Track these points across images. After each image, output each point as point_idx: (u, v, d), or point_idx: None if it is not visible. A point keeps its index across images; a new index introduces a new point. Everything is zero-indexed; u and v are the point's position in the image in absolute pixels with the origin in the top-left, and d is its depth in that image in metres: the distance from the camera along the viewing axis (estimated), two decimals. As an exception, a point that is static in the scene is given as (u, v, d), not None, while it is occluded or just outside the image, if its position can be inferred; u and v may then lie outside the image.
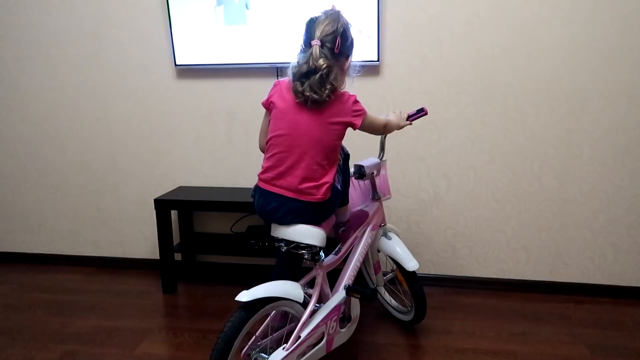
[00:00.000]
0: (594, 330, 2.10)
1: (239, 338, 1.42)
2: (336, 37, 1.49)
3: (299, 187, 1.52)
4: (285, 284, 1.55)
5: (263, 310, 1.48)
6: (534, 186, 2.38)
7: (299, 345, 1.52)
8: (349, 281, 1.74)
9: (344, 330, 1.71)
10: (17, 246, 3.00)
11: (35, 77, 2.72)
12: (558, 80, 2.26)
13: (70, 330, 2.17)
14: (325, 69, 1.47)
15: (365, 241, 1.86)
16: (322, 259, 1.62)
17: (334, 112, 1.53)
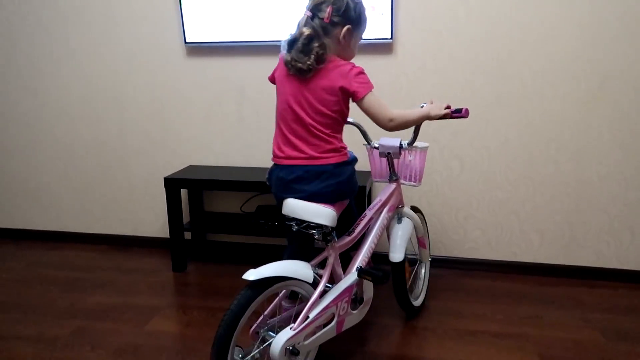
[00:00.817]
0: (607, 315, 2.07)
1: (245, 316, 1.41)
2: (327, 6, 1.47)
3: (302, 155, 1.53)
4: (295, 264, 1.53)
5: (270, 289, 1.46)
6: (549, 168, 2.32)
7: (307, 326, 1.50)
8: (362, 263, 1.70)
9: (355, 312, 1.68)
10: (29, 223, 3.03)
11: (48, 55, 2.71)
12: (577, 59, 2.19)
13: (81, 307, 2.19)
14: (306, 36, 1.46)
15: (381, 223, 1.82)
16: (334, 239, 1.59)
17: (329, 77, 1.49)
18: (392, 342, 1.89)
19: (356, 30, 1.54)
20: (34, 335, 1.96)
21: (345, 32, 1.50)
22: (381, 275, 1.56)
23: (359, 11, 1.52)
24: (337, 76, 1.49)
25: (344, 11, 1.49)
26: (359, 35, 1.58)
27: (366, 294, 1.71)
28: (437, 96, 2.35)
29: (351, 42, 1.55)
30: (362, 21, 1.56)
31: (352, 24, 1.51)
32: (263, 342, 1.52)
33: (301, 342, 1.48)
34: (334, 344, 1.85)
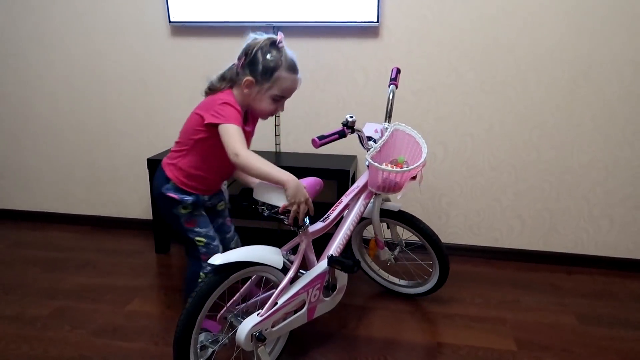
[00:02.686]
0: (584, 300, 2.10)
1: (209, 301, 1.40)
2: (242, 55, 1.55)
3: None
4: (264, 249, 1.50)
5: (237, 274, 1.44)
6: (531, 155, 2.34)
7: (275, 312, 1.48)
8: (336, 250, 1.68)
9: (328, 299, 1.68)
10: (11, 203, 3.00)
11: (30, 34, 2.66)
12: (562, 46, 2.19)
13: (63, 287, 2.19)
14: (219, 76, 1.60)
15: (358, 210, 1.77)
16: (306, 225, 1.56)
17: (200, 105, 1.58)
18: (370, 324, 1.91)
19: (261, 85, 1.52)
20: (13, 315, 1.96)
21: (247, 82, 1.51)
22: (351, 264, 1.53)
23: (268, 66, 1.50)
24: (207, 102, 1.57)
25: (249, 62, 1.52)
26: (269, 92, 1.53)
27: (339, 282, 1.70)
28: (422, 82, 2.34)
29: (257, 96, 1.54)
30: (273, 78, 1.51)
31: (256, 77, 1.51)
32: (231, 328, 1.51)
33: (269, 329, 1.48)
34: (313, 326, 1.87)
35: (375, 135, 1.79)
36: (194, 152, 1.57)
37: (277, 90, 1.53)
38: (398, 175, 1.69)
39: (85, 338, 1.81)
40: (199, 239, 1.64)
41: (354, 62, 2.39)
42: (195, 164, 1.58)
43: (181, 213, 1.62)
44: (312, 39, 2.39)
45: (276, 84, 1.52)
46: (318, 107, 2.48)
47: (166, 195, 1.59)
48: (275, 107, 1.58)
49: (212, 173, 1.63)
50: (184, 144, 1.59)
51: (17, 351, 1.73)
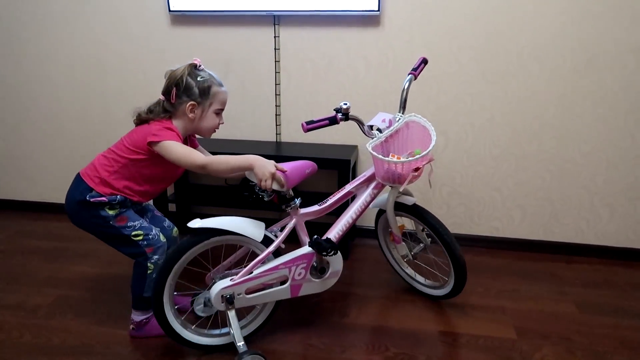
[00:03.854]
0: (583, 289, 2.11)
1: (180, 261, 1.57)
2: (172, 88, 1.61)
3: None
4: (245, 221, 1.60)
5: (212, 240, 1.58)
6: (532, 145, 2.34)
7: (248, 280, 1.59)
8: (335, 235, 1.72)
9: (317, 280, 1.70)
10: (14, 194, 3.00)
11: (30, 23, 2.64)
12: (564, 36, 2.18)
13: (64, 276, 2.20)
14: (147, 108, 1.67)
15: (364, 199, 1.77)
16: (294, 205, 1.66)
17: (140, 128, 1.65)
18: (371, 313, 1.92)
19: (203, 105, 1.63)
20: (16, 304, 1.97)
21: (190, 107, 1.61)
22: (326, 247, 1.60)
23: (204, 87, 1.61)
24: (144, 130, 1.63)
25: (184, 90, 1.60)
26: (212, 107, 1.65)
27: (333, 266, 1.71)
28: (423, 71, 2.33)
29: (203, 115, 1.65)
30: (211, 95, 1.63)
31: (196, 99, 1.61)
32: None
33: (242, 294, 1.60)
34: (313, 315, 1.89)
35: (382, 125, 1.75)
36: (125, 170, 1.63)
37: (217, 104, 1.66)
38: (398, 166, 1.66)
39: (87, 327, 1.82)
40: (135, 233, 1.66)
41: (355, 51, 2.38)
42: (123, 181, 1.63)
43: (109, 214, 1.63)
44: (312, 28, 2.38)
45: (215, 99, 1.64)
46: (319, 96, 2.48)
47: (91, 201, 1.61)
48: (218, 120, 1.69)
49: (139, 194, 1.68)
50: (115, 160, 1.63)
51: (20, 339, 1.75)
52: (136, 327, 1.74)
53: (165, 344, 1.72)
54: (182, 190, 2.64)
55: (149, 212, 1.87)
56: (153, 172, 1.65)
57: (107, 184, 1.62)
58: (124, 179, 1.63)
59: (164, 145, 1.55)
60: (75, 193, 1.64)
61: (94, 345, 1.72)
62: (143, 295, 1.70)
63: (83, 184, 1.63)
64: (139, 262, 1.69)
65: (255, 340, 1.73)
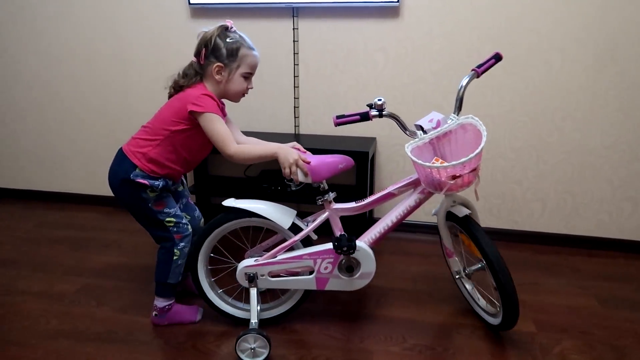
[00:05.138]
0: (604, 282, 2.09)
1: (211, 237, 1.69)
2: (202, 49, 1.61)
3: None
4: (277, 207, 1.66)
5: (240, 220, 1.67)
6: (553, 137, 2.31)
7: (271, 264, 1.66)
8: (369, 238, 1.67)
9: (346, 278, 1.67)
10: (38, 184, 3.07)
11: (52, 17, 2.69)
12: (587, 26, 2.14)
13: (88, 265, 2.25)
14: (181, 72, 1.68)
15: (407, 204, 1.65)
16: (326, 198, 1.67)
17: (177, 97, 1.65)
18: (389, 304, 1.93)
19: (230, 67, 1.62)
20: (41, 291, 2.02)
21: (217, 68, 1.60)
22: (340, 244, 1.59)
23: (232, 48, 1.60)
24: (184, 95, 1.63)
25: (212, 50, 1.60)
26: (239, 70, 1.63)
27: (363, 267, 1.66)
28: (442, 62, 2.32)
29: (230, 78, 1.63)
30: (239, 57, 1.61)
31: (223, 61, 1.60)
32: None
33: (265, 276, 1.68)
34: (332, 305, 1.91)
35: (428, 126, 1.56)
36: (167, 142, 1.62)
37: (245, 68, 1.63)
38: (435, 171, 1.48)
39: (111, 314, 1.87)
40: (169, 219, 1.69)
41: (373, 42, 2.37)
42: (166, 154, 1.64)
43: (149, 196, 1.66)
44: (331, 20, 2.38)
45: (243, 61, 1.62)
46: (337, 88, 2.48)
47: (135, 181, 1.62)
48: (246, 84, 1.67)
49: (180, 164, 1.68)
50: (156, 134, 1.63)
51: (46, 325, 1.80)
52: (158, 313, 1.78)
53: (187, 332, 1.76)
54: (201, 181, 2.67)
55: (183, 198, 1.89)
56: (195, 141, 1.64)
57: (151, 160, 1.63)
58: (167, 152, 1.63)
59: (207, 117, 1.56)
60: (119, 170, 1.66)
61: (117, 332, 1.76)
62: (167, 282, 1.73)
63: (127, 161, 1.64)
64: (165, 248, 1.72)
65: (275, 327, 1.76)
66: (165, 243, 1.72)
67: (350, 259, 1.65)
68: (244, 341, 1.57)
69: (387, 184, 2.57)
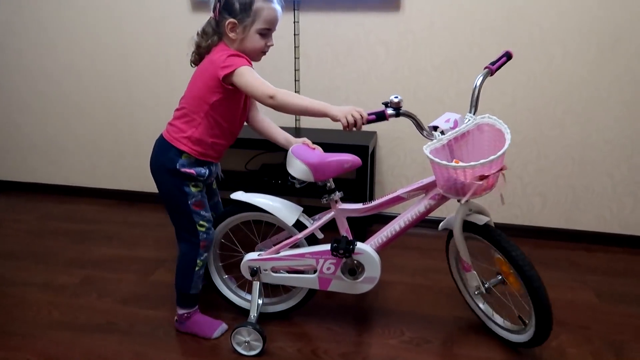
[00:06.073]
0: (604, 277, 2.09)
1: (219, 228, 1.73)
2: (216, 2, 1.49)
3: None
4: (283, 204, 1.65)
5: (246, 214, 1.70)
6: (555, 131, 2.30)
7: (274, 259, 1.66)
8: (375, 242, 1.63)
9: (349, 280, 1.63)
10: (40, 177, 3.09)
11: (54, 10, 2.69)
12: (590, 19, 2.13)
13: (89, 257, 2.27)
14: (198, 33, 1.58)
15: (416, 209, 1.57)
16: (332, 198, 1.61)
17: (204, 67, 1.55)
18: (388, 298, 1.94)
19: (244, 24, 1.47)
20: (44, 283, 2.05)
21: (230, 25, 1.47)
22: (336, 246, 1.55)
23: (243, 2, 1.45)
24: (210, 61, 1.53)
25: (225, 4, 1.47)
26: (254, 27, 1.49)
27: (367, 271, 1.61)
28: (443, 56, 2.31)
29: (245, 36, 1.50)
30: (253, 11, 1.46)
31: (236, 17, 1.47)
32: None
33: (267, 271, 1.68)
34: (329, 299, 1.91)
35: (445, 126, 1.46)
36: (208, 118, 1.53)
37: (261, 23, 1.49)
38: (460, 172, 1.38)
39: (112, 306, 1.89)
40: (202, 223, 1.63)
41: (374, 35, 2.36)
42: (210, 130, 1.55)
43: (192, 191, 1.59)
44: (332, 13, 2.37)
45: (258, 16, 1.47)
46: (338, 81, 2.47)
47: (181, 171, 1.55)
48: (265, 41, 1.53)
49: (225, 137, 1.61)
50: (194, 113, 1.53)
51: (49, 317, 1.82)
52: (178, 320, 1.73)
53: (186, 324, 1.77)
54: (203, 174, 2.68)
55: (215, 196, 1.84)
56: (236, 107, 1.57)
57: (197, 141, 1.54)
58: (210, 129, 1.54)
59: (238, 72, 1.44)
60: (164, 160, 1.57)
61: (118, 324, 1.78)
62: (190, 293, 1.68)
63: (172, 150, 1.55)
64: (185, 257, 1.66)
65: (274, 321, 1.77)
66: (188, 246, 1.65)
67: (353, 261, 1.61)
68: (238, 334, 1.59)
69: (388, 178, 2.57)
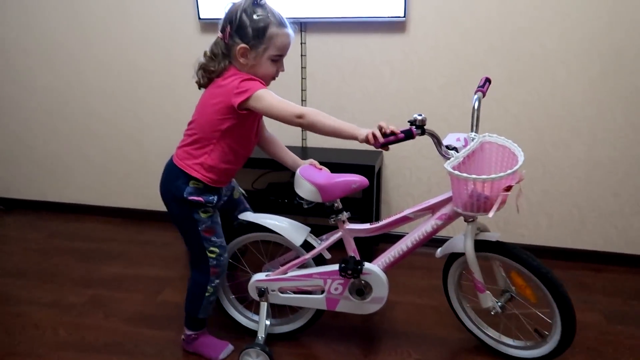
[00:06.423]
0: (612, 298, 2.07)
1: (231, 245, 1.71)
2: (226, 25, 1.45)
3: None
4: (292, 224, 1.64)
5: (253, 235, 1.71)
6: (559, 150, 2.31)
7: (281, 280, 1.66)
8: (382, 262, 1.62)
9: (356, 300, 1.63)
10: (48, 196, 3.12)
11: (63, 29, 2.74)
12: (593, 38, 2.15)
13: (97, 276, 2.28)
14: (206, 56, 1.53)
15: (423, 229, 1.55)
16: (339, 218, 1.61)
17: (215, 92, 1.50)
18: (395, 318, 1.93)
19: (256, 50, 1.44)
20: (51, 302, 2.05)
21: (241, 51, 1.43)
22: (347, 269, 1.56)
23: (258, 27, 1.41)
24: (221, 86, 1.49)
25: (237, 29, 1.43)
26: (267, 53, 1.45)
27: (375, 291, 1.61)
28: (448, 76, 2.33)
29: (256, 62, 1.46)
30: (266, 38, 1.43)
31: (248, 42, 1.42)
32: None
33: (275, 291, 1.68)
34: (335, 319, 1.90)
35: (458, 144, 1.52)
36: (222, 144, 1.51)
37: (274, 50, 1.44)
38: (486, 185, 1.38)
39: (118, 325, 1.89)
40: (212, 249, 1.60)
41: (379, 56, 2.39)
42: (224, 156, 1.53)
43: (202, 218, 1.57)
44: (338, 35, 2.41)
45: (271, 43, 1.43)
46: (344, 101, 2.50)
47: (189, 199, 1.53)
48: (276, 68, 1.50)
49: (238, 162, 1.60)
50: (207, 139, 1.51)
51: (54, 337, 1.82)
52: (185, 339, 1.72)
53: (192, 344, 1.77)
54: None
55: (241, 204, 1.82)
56: (249, 131, 1.54)
57: (210, 168, 1.52)
58: (223, 155, 1.52)
59: (257, 96, 1.39)
60: (172, 187, 1.56)
61: (124, 344, 1.78)
62: (198, 317, 1.67)
63: (180, 177, 1.54)
64: (196, 282, 1.64)
65: (281, 342, 1.77)
66: (198, 272, 1.63)
67: (361, 282, 1.61)
68: (247, 355, 1.59)
69: (394, 197, 2.58)
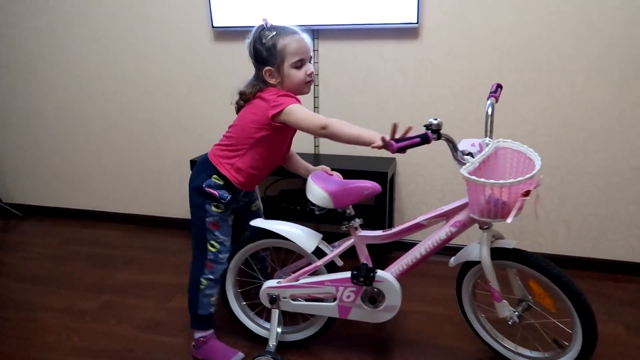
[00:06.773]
0: (633, 309, 2.01)
1: (239, 254, 1.71)
2: (250, 56, 1.58)
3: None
4: (303, 230, 1.63)
5: (265, 241, 1.68)
6: (578, 158, 2.26)
7: (293, 287, 1.65)
8: (395, 270, 1.60)
9: (369, 309, 1.61)
10: (63, 202, 3.16)
11: (80, 39, 2.79)
12: (611, 44, 2.11)
13: (110, 282, 2.28)
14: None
15: (437, 236, 1.54)
16: (352, 225, 1.60)
17: (256, 104, 1.58)
18: (407, 327, 1.90)
19: (277, 65, 1.53)
20: (64, 308, 2.06)
21: (267, 73, 1.54)
22: (355, 274, 1.54)
23: (269, 47, 1.52)
24: (258, 105, 1.57)
25: (256, 58, 1.55)
26: (287, 63, 1.53)
27: (388, 300, 1.59)
28: (462, 83, 2.31)
29: (284, 76, 1.55)
30: (279, 52, 1.52)
31: (268, 63, 1.53)
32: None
33: (287, 299, 1.67)
34: (347, 328, 1.88)
35: (473, 149, 1.49)
36: (254, 151, 1.58)
37: (292, 57, 1.52)
38: (504, 190, 1.34)
39: (130, 332, 1.89)
40: (214, 242, 1.64)
41: (393, 63, 2.38)
42: (253, 162, 1.60)
43: (212, 210, 1.63)
44: (351, 41, 2.40)
45: (285, 53, 1.52)
46: (357, 108, 2.49)
47: (205, 190, 1.60)
48: (304, 72, 1.56)
49: (265, 170, 1.66)
50: (242, 144, 1.58)
51: (67, 342, 1.83)
52: (195, 345, 1.73)
53: (203, 352, 1.76)
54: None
55: (257, 217, 1.84)
56: (280, 142, 1.63)
57: (239, 170, 1.60)
58: (254, 161, 1.60)
59: (288, 110, 1.49)
60: (196, 177, 1.64)
61: (136, 350, 1.78)
62: (198, 313, 1.69)
63: (208, 169, 1.62)
64: (192, 275, 1.68)
65: (292, 350, 1.75)
66: (195, 264, 1.67)
67: (373, 289, 1.59)
68: None
69: (407, 204, 2.55)
